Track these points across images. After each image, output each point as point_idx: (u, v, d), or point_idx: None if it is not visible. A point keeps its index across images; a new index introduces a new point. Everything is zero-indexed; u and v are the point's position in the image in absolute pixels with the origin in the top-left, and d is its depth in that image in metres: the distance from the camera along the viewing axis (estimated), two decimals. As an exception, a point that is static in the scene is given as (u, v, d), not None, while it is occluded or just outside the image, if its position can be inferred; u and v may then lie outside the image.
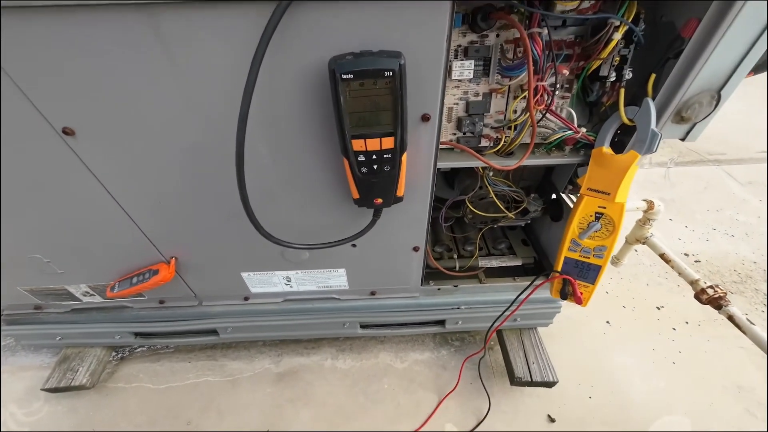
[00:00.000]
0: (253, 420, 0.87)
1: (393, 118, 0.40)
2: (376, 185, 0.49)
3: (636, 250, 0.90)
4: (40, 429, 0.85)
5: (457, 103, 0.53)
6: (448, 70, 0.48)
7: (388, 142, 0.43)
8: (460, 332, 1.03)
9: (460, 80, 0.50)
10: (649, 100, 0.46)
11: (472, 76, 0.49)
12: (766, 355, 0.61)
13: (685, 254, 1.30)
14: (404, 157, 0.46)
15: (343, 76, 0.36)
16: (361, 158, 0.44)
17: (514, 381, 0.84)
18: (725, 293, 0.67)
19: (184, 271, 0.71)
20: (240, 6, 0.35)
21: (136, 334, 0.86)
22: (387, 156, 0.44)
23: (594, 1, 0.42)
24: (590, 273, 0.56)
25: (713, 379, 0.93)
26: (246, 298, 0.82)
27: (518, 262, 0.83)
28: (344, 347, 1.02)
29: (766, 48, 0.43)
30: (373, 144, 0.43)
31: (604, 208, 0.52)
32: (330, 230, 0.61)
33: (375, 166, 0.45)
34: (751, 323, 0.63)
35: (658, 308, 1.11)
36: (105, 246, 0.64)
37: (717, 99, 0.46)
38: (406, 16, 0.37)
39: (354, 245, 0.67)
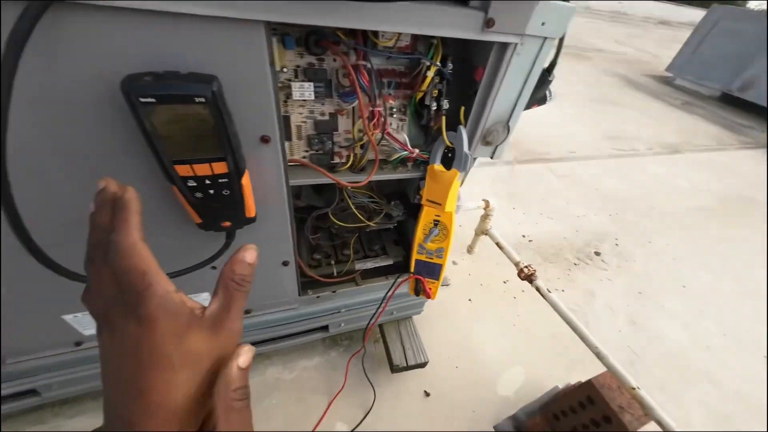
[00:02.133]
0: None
1: (219, 144, 0.38)
2: (218, 209, 0.46)
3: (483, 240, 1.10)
4: None
5: (305, 122, 0.54)
6: (289, 93, 0.49)
7: (220, 167, 0.41)
8: (348, 332, 1.08)
9: (304, 100, 0.51)
10: (461, 127, 0.56)
11: (314, 98, 0.50)
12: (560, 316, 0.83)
13: (523, 236, 1.65)
14: (245, 179, 0.45)
15: (141, 101, 0.32)
16: (192, 183, 0.41)
17: (393, 368, 0.93)
18: (534, 270, 0.89)
19: (-36, 328, 0.53)
20: (-24, 5, 0.27)
21: None
22: (222, 180, 0.42)
23: (408, 42, 0.48)
24: (435, 271, 0.66)
25: (538, 333, 1.22)
26: (78, 344, 0.67)
27: (390, 262, 0.91)
28: (225, 372, 0.94)
29: (532, 90, 0.57)
30: (202, 169, 0.40)
31: (439, 216, 0.61)
32: (183, 256, 0.55)
33: (211, 191, 0.43)
34: (549, 291, 0.85)
35: (504, 282, 1.38)
36: None
37: (507, 128, 0.59)
38: (218, 37, 0.35)
39: (214, 267, 0.62)
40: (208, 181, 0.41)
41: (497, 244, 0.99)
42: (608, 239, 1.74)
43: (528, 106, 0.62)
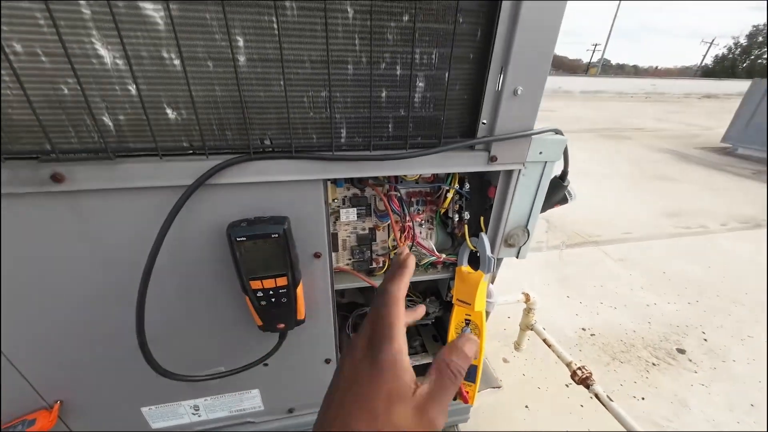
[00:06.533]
0: None
1: (283, 264, 0.50)
2: (276, 314, 0.56)
3: (529, 338, 1.04)
4: None
5: (349, 236, 0.66)
6: (337, 216, 0.62)
7: (282, 281, 0.52)
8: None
9: (349, 221, 0.64)
10: (483, 234, 0.63)
11: (357, 218, 0.63)
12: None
13: (583, 329, 1.50)
14: (299, 289, 0.55)
15: (237, 240, 0.46)
16: (260, 294, 0.52)
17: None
18: (590, 374, 0.81)
19: (70, 415, 0.64)
20: (152, 191, 0.45)
21: None
22: (282, 291, 0.53)
23: (431, 175, 0.61)
24: (471, 373, 0.65)
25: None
26: (145, 437, 0.74)
27: (430, 360, 0.90)
28: (264, 479, 0.91)
29: (547, 196, 0.65)
30: (268, 283, 0.51)
31: (470, 315, 0.64)
32: (240, 354, 0.64)
33: (273, 300, 0.53)
34: (610, 399, 0.75)
35: (566, 386, 1.22)
36: (-29, 398, 0.57)
37: (527, 231, 0.65)
38: (292, 191, 0.50)
39: (266, 364, 0.69)
40: (271, 292, 0.52)
41: (544, 341, 0.94)
42: (692, 333, 1.49)
43: (546, 209, 0.69)
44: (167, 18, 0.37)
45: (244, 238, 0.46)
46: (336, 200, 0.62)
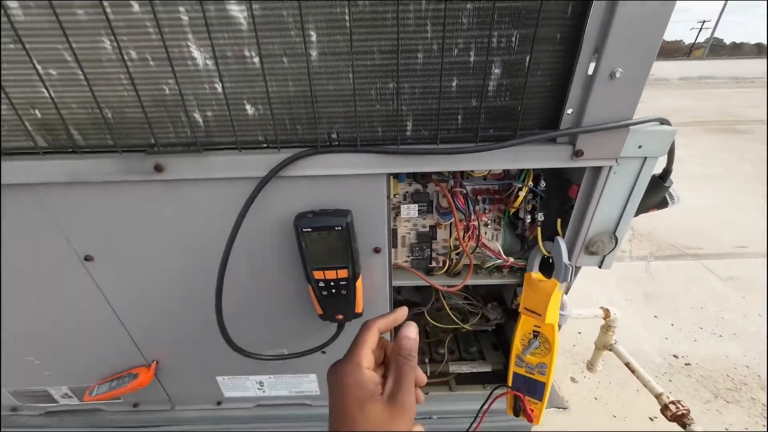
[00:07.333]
0: None
1: (344, 256, 0.51)
2: (336, 305, 0.57)
3: (603, 359, 0.91)
4: None
5: (409, 233, 0.64)
6: (398, 212, 0.61)
7: (343, 273, 0.52)
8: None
9: (410, 217, 0.63)
10: (559, 238, 0.57)
11: (417, 215, 0.61)
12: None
13: (674, 356, 1.28)
14: (359, 282, 0.55)
15: (303, 230, 0.47)
16: (322, 284, 0.54)
17: None
18: (688, 410, 0.68)
19: (163, 374, 0.74)
20: (232, 181, 0.49)
21: (104, 441, 0.84)
22: (342, 283, 0.53)
23: (501, 171, 0.56)
24: (537, 390, 0.59)
25: None
26: (219, 403, 0.82)
27: (488, 368, 0.85)
28: (317, 460, 0.95)
29: (644, 197, 0.55)
30: (330, 274, 0.52)
31: (539, 327, 0.58)
32: (301, 339, 0.67)
33: (333, 291, 0.54)
34: (716, 447, 0.62)
35: (650, 419, 1.05)
36: (94, 349, 0.70)
37: (615, 238, 0.57)
38: (356, 185, 0.50)
39: (324, 352, 0.71)
40: (332, 283, 0.53)
41: (627, 365, 0.81)
42: (836, 379, 1.17)
43: (639, 213, 0.59)
44: (250, 17, 0.39)
45: (310, 229, 0.47)
46: (397, 195, 0.60)
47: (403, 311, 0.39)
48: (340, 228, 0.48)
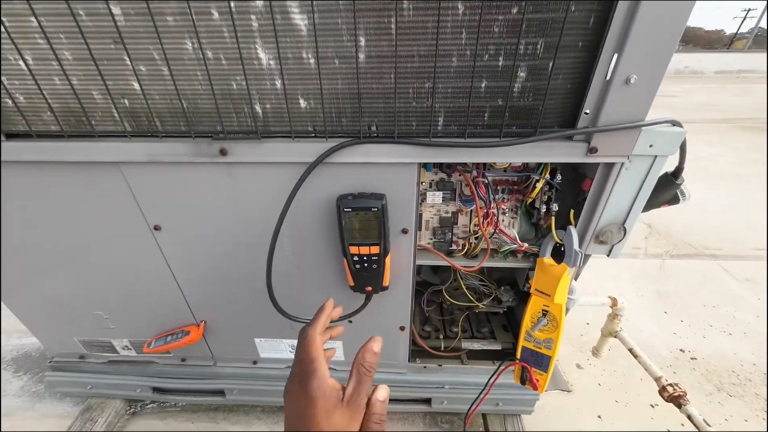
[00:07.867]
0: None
1: (378, 234, 0.58)
2: (366, 277, 0.65)
3: (609, 348, 0.96)
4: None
5: (433, 217, 0.71)
6: (424, 198, 0.68)
7: (375, 249, 0.60)
8: (449, 413, 1.06)
9: (434, 203, 0.69)
10: (571, 227, 0.62)
11: (441, 201, 0.68)
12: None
13: (681, 350, 1.31)
14: (388, 258, 0.63)
15: (344, 210, 0.55)
16: (356, 259, 0.61)
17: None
18: (684, 392, 0.73)
19: (209, 333, 0.85)
20: (284, 166, 0.56)
21: (155, 389, 0.96)
22: (374, 258, 0.61)
23: (521, 164, 0.62)
24: (543, 362, 0.66)
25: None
26: (255, 362, 0.93)
27: (498, 347, 0.91)
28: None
29: (653, 193, 0.60)
30: (364, 250, 0.60)
31: (548, 306, 0.64)
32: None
33: (365, 264, 0.62)
34: (707, 425, 0.67)
35: (652, 406, 1.10)
36: (153, 308, 0.80)
37: (623, 230, 0.62)
38: (391, 172, 0.57)
39: (350, 321, 0.80)
40: (365, 258, 0.61)
41: (630, 350, 0.87)
42: None
43: (651, 208, 0.64)
44: (310, 24, 0.46)
45: (350, 209, 0.55)
46: (424, 183, 0.67)
47: (329, 303, 0.44)
48: (376, 209, 0.55)
